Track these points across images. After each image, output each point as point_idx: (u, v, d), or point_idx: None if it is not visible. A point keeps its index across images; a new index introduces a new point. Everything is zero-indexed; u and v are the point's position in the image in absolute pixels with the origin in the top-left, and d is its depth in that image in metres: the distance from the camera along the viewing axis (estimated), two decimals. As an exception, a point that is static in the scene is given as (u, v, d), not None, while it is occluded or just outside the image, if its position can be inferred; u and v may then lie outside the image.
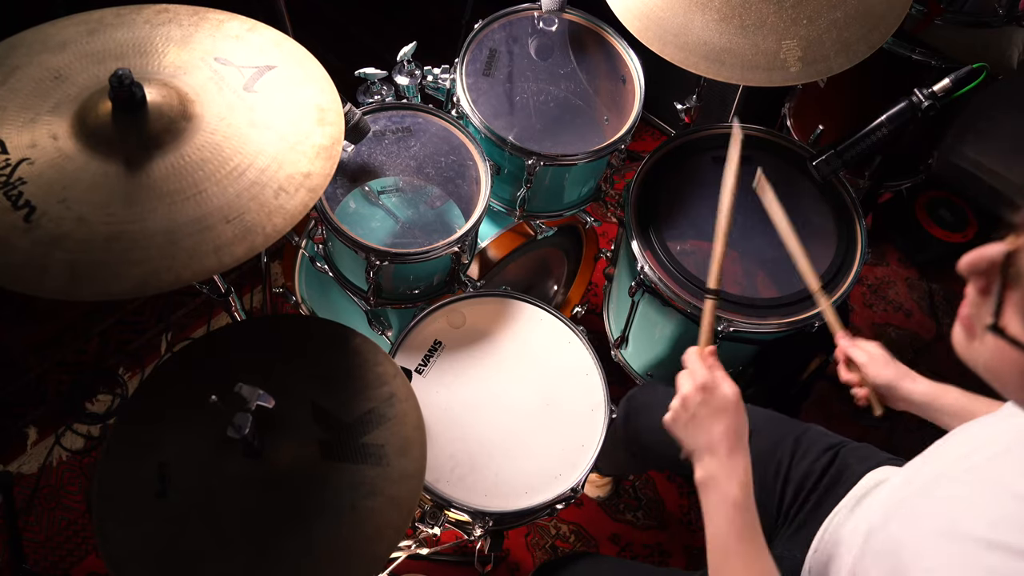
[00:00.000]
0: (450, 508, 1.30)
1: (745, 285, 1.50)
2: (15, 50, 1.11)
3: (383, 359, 1.19)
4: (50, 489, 1.89)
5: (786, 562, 1.16)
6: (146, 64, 1.12)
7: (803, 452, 1.27)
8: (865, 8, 1.40)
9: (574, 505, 1.76)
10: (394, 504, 1.06)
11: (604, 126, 1.57)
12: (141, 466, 1.06)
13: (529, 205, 1.63)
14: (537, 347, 1.46)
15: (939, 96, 1.35)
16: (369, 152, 1.48)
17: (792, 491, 1.24)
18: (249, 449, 1.04)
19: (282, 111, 1.11)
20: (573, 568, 1.30)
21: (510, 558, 1.88)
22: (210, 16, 1.19)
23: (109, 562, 1.00)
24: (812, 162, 1.47)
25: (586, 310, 1.98)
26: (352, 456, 1.09)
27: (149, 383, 1.17)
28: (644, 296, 1.59)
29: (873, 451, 1.24)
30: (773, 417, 1.36)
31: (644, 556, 1.91)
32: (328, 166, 1.08)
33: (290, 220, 1.02)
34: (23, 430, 1.95)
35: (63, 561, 1.80)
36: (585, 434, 1.37)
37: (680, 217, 1.57)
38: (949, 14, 1.68)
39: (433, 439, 1.32)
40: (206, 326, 2.11)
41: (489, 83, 1.57)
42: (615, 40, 1.64)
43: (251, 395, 1.01)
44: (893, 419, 2.02)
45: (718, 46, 1.38)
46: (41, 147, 1.02)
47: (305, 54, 1.19)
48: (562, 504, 1.33)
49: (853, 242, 1.55)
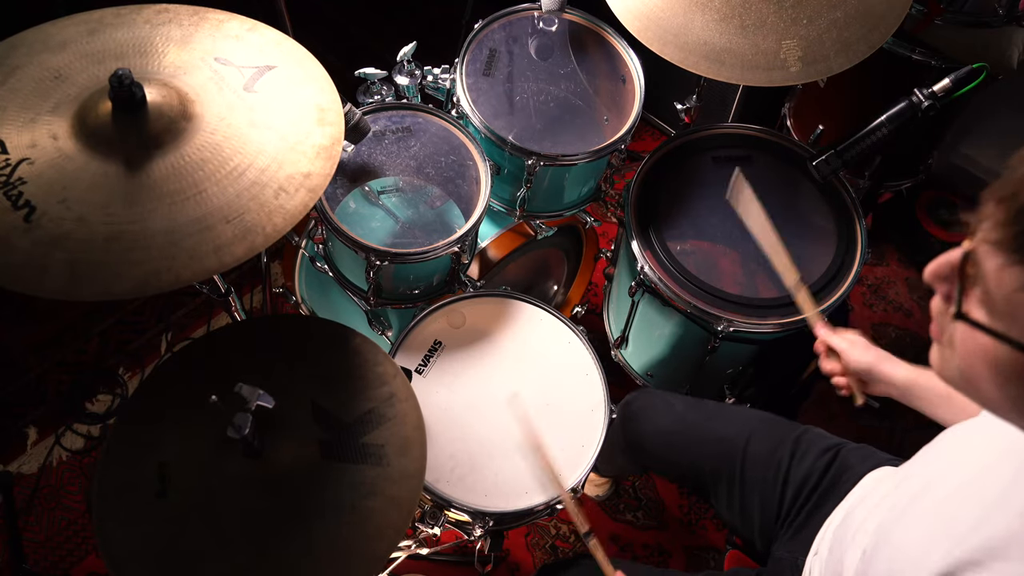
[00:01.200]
0: (450, 508, 1.30)
1: (745, 285, 1.50)
2: (15, 50, 1.11)
3: (383, 359, 1.19)
4: (50, 489, 1.89)
5: (786, 563, 1.16)
6: (146, 64, 1.12)
7: (802, 453, 1.27)
8: (865, 8, 1.40)
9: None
10: (394, 504, 1.06)
11: (604, 126, 1.57)
12: (141, 466, 1.06)
13: (529, 205, 1.63)
14: (537, 347, 1.46)
15: (939, 96, 1.35)
16: (369, 152, 1.48)
17: (792, 493, 1.24)
18: (249, 449, 1.04)
19: (282, 111, 1.11)
20: (574, 569, 1.30)
21: (510, 558, 1.88)
22: (210, 16, 1.19)
23: (109, 562, 1.00)
24: (812, 162, 1.47)
25: (586, 310, 1.98)
26: (352, 456, 1.09)
27: (149, 383, 1.17)
28: (644, 296, 1.59)
29: (872, 451, 1.24)
30: (772, 419, 1.36)
31: (644, 556, 1.91)
32: (328, 166, 1.08)
33: (290, 220, 1.02)
34: (23, 430, 1.95)
35: (63, 561, 1.80)
36: (585, 434, 1.37)
37: (680, 217, 1.57)
38: (949, 14, 1.68)
39: (433, 439, 1.32)
40: (206, 326, 2.11)
41: (489, 83, 1.57)
42: (615, 40, 1.64)
43: (251, 395, 1.01)
44: (892, 419, 2.03)
45: (718, 46, 1.38)
46: (41, 147, 1.02)
47: (305, 54, 1.19)
48: (562, 504, 1.33)
49: (853, 242, 1.55)
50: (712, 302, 1.47)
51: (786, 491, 1.25)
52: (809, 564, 1.12)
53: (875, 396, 1.19)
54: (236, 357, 1.19)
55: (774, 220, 1.29)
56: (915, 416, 1.16)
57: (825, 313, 1.45)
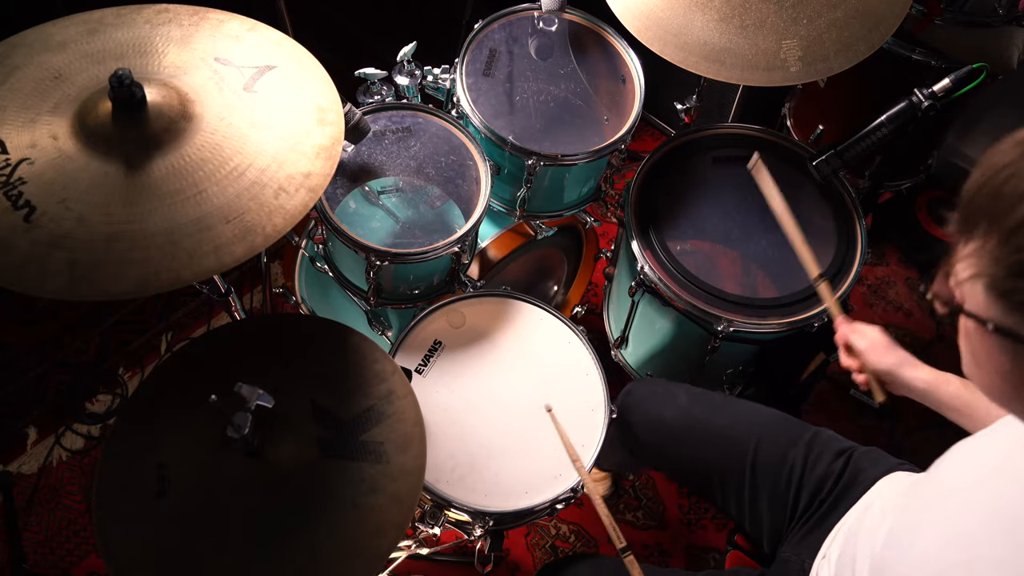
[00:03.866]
0: (450, 508, 1.30)
1: (745, 285, 1.50)
2: (15, 50, 1.11)
3: (381, 356, 1.19)
4: (50, 489, 1.89)
5: (793, 566, 1.16)
6: (146, 64, 1.12)
7: (816, 457, 1.25)
8: (865, 8, 1.40)
9: (574, 505, 1.76)
10: (395, 500, 1.06)
11: (604, 126, 1.57)
12: (141, 466, 1.06)
13: (529, 205, 1.63)
14: (537, 347, 1.46)
15: (939, 96, 1.35)
16: (369, 152, 1.48)
17: (807, 496, 1.23)
18: (249, 448, 1.04)
19: (282, 111, 1.11)
20: (574, 570, 1.29)
21: (510, 558, 1.88)
22: (210, 16, 1.19)
23: (109, 562, 1.00)
24: (812, 162, 1.47)
25: (586, 310, 1.98)
26: (352, 454, 1.09)
27: (149, 383, 1.17)
28: (644, 296, 1.59)
29: (882, 455, 1.23)
30: (782, 418, 1.34)
31: (644, 556, 1.91)
32: (328, 166, 1.08)
33: (290, 220, 1.02)
34: (23, 430, 1.95)
35: (63, 561, 1.80)
36: (585, 434, 1.37)
37: (680, 217, 1.57)
38: (949, 14, 1.68)
39: (433, 439, 1.32)
40: (206, 326, 2.11)
41: (489, 83, 1.57)
42: (615, 40, 1.64)
43: (251, 395, 1.01)
44: (893, 419, 2.03)
45: (718, 46, 1.38)
46: (41, 147, 1.02)
47: (305, 54, 1.19)
48: (562, 504, 1.33)
49: (853, 242, 1.55)
50: (712, 302, 1.47)
51: (800, 494, 1.23)
52: (817, 567, 1.11)
53: (870, 393, 1.19)
54: (236, 357, 1.20)
55: (773, 220, 1.29)
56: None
57: (824, 314, 1.45)
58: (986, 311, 0.66)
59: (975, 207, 0.66)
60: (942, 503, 0.84)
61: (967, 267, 0.67)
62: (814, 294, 1.47)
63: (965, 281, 0.67)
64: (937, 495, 0.87)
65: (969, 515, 0.78)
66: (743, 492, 1.29)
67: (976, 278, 0.66)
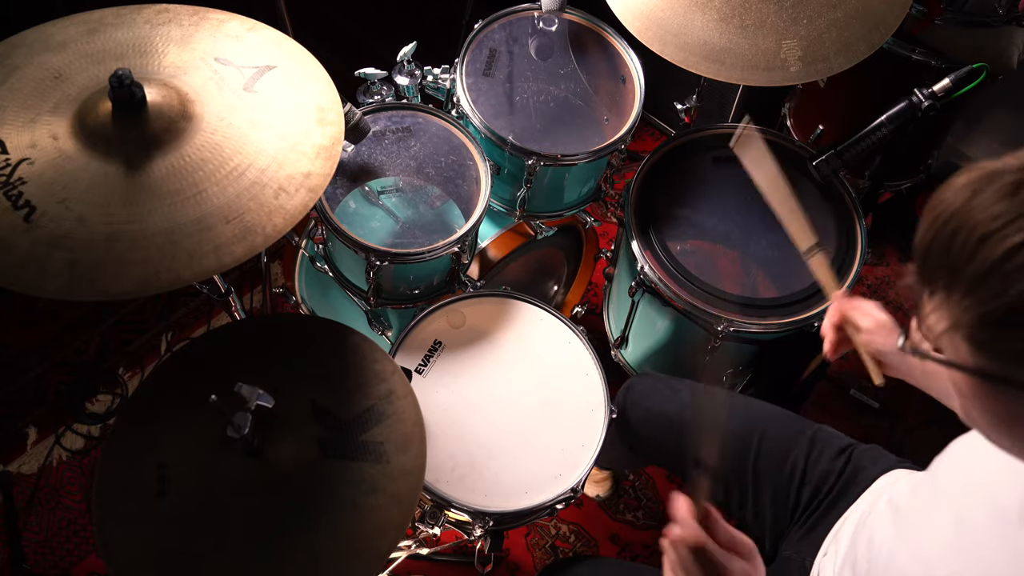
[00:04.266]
0: (450, 508, 1.30)
1: (745, 285, 1.50)
2: (15, 50, 1.11)
3: (380, 356, 1.19)
4: (50, 489, 1.89)
5: (794, 563, 1.16)
6: (146, 64, 1.12)
7: (818, 453, 1.25)
8: (865, 8, 1.40)
9: (574, 505, 1.76)
10: (395, 500, 1.06)
11: (604, 126, 1.57)
12: (141, 466, 1.06)
13: (529, 205, 1.63)
14: (537, 347, 1.46)
15: (939, 96, 1.35)
16: (369, 152, 1.48)
17: (809, 493, 1.23)
18: (249, 448, 1.04)
19: (282, 111, 1.11)
20: (574, 570, 1.30)
21: (510, 558, 1.88)
22: (210, 16, 1.19)
23: (109, 562, 1.00)
24: (812, 162, 1.47)
25: (586, 310, 1.98)
26: (352, 454, 1.09)
27: (149, 383, 1.17)
28: (644, 296, 1.59)
29: (882, 453, 1.23)
30: (783, 414, 1.34)
31: (644, 556, 1.91)
32: (328, 166, 1.08)
33: (290, 220, 1.02)
34: (23, 430, 1.95)
35: (63, 561, 1.80)
36: (585, 434, 1.37)
37: (680, 217, 1.57)
38: (949, 14, 1.68)
39: (433, 439, 1.32)
40: (206, 326, 2.11)
41: (489, 83, 1.57)
42: (615, 40, 1.64)
43: (251, 394, 1.01)
44: (892, 418, 2.03)
45: (718, 46, 1.38)
46: (41, 147, 1.02)
47: (305, 54, 1.19)
48: (562, 504, 1.33)
49: (853, 242, 1.55)
50: (712, 302, 1.47)
51: (803, 491, 1.23)
52: (818, 565, 1.11)
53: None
54: (236, 357, 1.20)
55: (774, 220, 1.29)
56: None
57: (823, 315, 1.45)
58: (969, 360, 0.65)
59: (931, 262, 0.65)
60: (941, 503, 0.85)
61: (939, 319, 0.66)
62: (814, 294, 1.47)
63: (942, 334, 0.66)
64: (937, 494, 0.87)
65: (968, 515, 0.78)
66: (746, 488, 1.29)
67: (952, 330, 0.64)
